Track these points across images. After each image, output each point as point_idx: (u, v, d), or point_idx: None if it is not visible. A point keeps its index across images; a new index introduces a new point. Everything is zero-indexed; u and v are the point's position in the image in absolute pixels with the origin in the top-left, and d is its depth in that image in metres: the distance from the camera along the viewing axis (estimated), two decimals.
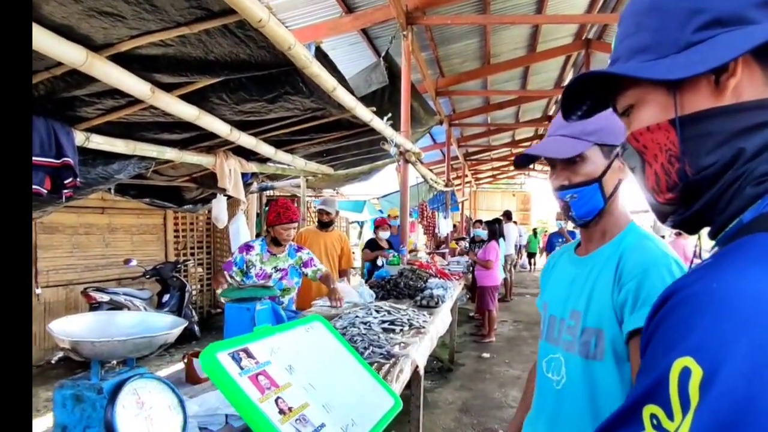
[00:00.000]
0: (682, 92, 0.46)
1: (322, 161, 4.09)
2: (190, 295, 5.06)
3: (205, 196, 3.85)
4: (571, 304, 0.93)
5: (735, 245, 0.38)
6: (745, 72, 0.43)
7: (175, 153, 2.70)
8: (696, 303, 0.35)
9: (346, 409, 0.70)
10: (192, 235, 6.37)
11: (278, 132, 2.98)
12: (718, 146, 0.44)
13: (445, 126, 8.72)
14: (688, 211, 0.48)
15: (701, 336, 0.33)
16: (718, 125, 0.44)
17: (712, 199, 0.46)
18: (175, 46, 1.74)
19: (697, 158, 0.46)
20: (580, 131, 0.89)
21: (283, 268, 2.69)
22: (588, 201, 0.91)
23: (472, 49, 6.53)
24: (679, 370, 0.33)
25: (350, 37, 4.86)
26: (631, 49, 0.51)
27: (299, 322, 0.83)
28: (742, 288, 0.33)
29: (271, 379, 0.63)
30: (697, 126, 0.45)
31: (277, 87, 2.22)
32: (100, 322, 1.23)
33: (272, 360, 0.67)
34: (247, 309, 2.02)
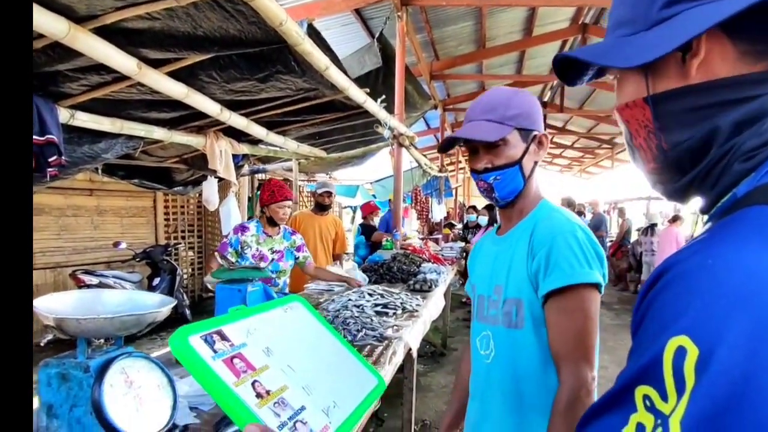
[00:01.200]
0: (652, 72, 0.46)
1: (315, 144, 4.04)
2: (180, 278, 5.03)
3: (195, 177, 3.79)
4: (495, 281, 1.00)
5: (729, 219, 0.37)
6: (716, 48, 0.42)
7: (163, 133, 2.64)
8: (691, 280, 0.34)
9: (328, 390, 0.67)
10: (183, 218, 6.31)
11: (270, 113, 2.92)
12: (691, 123, 0.45)
13: (439, 111, 8.65)
14: (677, 183, 0.48)
15: (697, 314, 0.31)
16: (689, 102, 0.44)
17: (699, 174, 0.45)
18: (162, 20, 1.68)
19: (671, 134, 0.46)
20: (501, 116, 0.95)
21: (278, 250, 2.70)
22: (510, 182, 0.97)
23: (467, 32, 6.44)
24: (674, 349, 0.32)
25: (343, 17, 4.76)
26: (614, 21, 0.51)
27: (277, 302, 0.79)
28: (738, 263, 0.32)
29: (248, 361, 0.60)
30: (667, 104, 0.46)
31: (269, 65, 2.16)
32: (87, 300, 1.20)
33: (248, 342, 0.63)
34: (239, 290, 2.00)
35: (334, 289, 3.02)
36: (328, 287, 3.08)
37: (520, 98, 0.97)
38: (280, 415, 0.57)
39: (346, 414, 0.66)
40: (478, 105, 1.00)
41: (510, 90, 1.00)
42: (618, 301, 7.04)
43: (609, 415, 0.37)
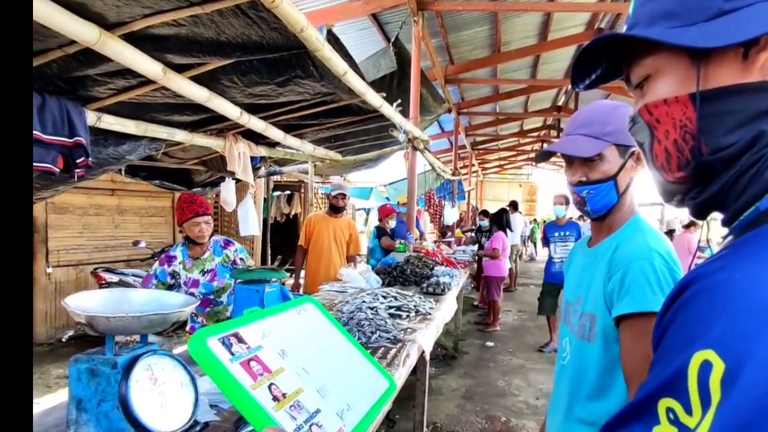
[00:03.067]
0: (707, 64, 0.42)
1: (330, 147, 4.07)
2: None
3: (213, 179, 3.86)
4: (579, 291, 1.02)
5: (756, 233, 0.35)
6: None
7: (185, 135, 2.69)
8: (718, 294, 0.33)
9: (341, 393, 0.67)
10: None
11: (288, 116, 2.97)
12: (738, 126, 0.41)
13: (453, 114, 8.64)
14: (705, 193, 0.45)
15: (723, 329, 0.31)
16: (742, 103, 0.41)
17: (728, 183, 0.42)
18: (187, 26, 1.73)
19: (716, 137, 0.42)
20: (599, 132, 0.95)
21: (210, 269, 2.42)
22: (603, 197, 0.97)
23: (482, 36, 6.43)
24: (699, 363, 0.31)
25: (360, 22, 4.80)
26: (654, 13, 0.47)
27: (290, 304, 0.80)
28: (766, 279, 0.31)
29: (264, 364, 0.60)
30: (719, 102, 0.42)
31: (288, 70, 2.20)
32: (115, 299, 1.24)
33: (264, 344, 0.64)
34: (256, 291, 2.04)
35: (348, 291, 3.04)
36: (342, 289, 3.11)
37: (619, 113, 0.96)
38: (296, 419, 0.57)
39: (360, 417, 0.66)
40: (576, 119, 1.01)
41: (610, 105, 0.99)
42: None
43: (631, 426, 0.36)
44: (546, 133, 13.06)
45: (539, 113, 10.95)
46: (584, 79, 0.56)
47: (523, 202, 18.70)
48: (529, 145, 15.24)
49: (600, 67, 0.55)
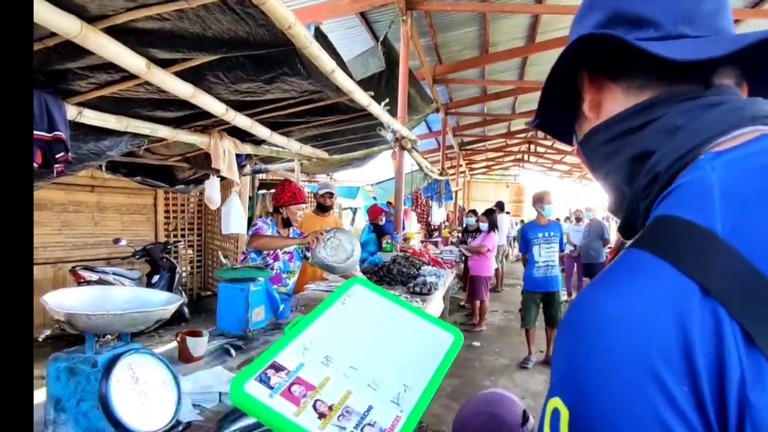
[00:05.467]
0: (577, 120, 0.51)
1: (317, 145, 4.05)
2: (180, 276, 5.04)
3: (197, 176, 3.81)
4: None
5: (611, 265, 0.36)
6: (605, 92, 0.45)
7: (168, 131, 2.65)
8: (563, 331, 0.34)
9: (397, 375, 0.64)
10: (183, 216, 6.31)
11: (274, 114, 2.94)
12: (603, 163, 0.47)
13: (441, 114, 8.68)
14: (621, 221, 0.48)
15: (564, 373, 0.31)
16: (595, 144, 0.47)
17: (627, 213, 0.45)
18: (172, 21, 1.70)
19: (598, 176, 0.49)
20: None
21: (289, 251, 2.73)
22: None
23: (471, 37, 6.47)
24: (551, 411, 0.32)
25: (348, 20, 4.79)
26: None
27: (336, 294, 0.75)
28: (590, 315, 0.31)
29: (306, 383, 0.59)
30: (585, 150, 0.49)
31: (275, 67, 2.18)
32: (95, 296, 1.22)
33: (305, 361, 0.62)
34: (241, 290, 2.02)
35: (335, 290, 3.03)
36: (328, 288, 3.10)
37: None
38: (345, 428, 0.56)
39: (419, 393, 0.64)
40: None
41: None
42: None
43: None
44: (533, 134, 13.20)
45: (527, 114, 11.04)
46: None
47: (510, 203, 18.86)
48: (516, 146, 15.39)
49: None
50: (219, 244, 6.42)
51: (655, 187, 0.40)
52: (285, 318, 2.29)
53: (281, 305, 2.22)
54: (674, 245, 0.32)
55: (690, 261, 0.30)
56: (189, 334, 1.70)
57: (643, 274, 0.31)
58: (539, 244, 4.33)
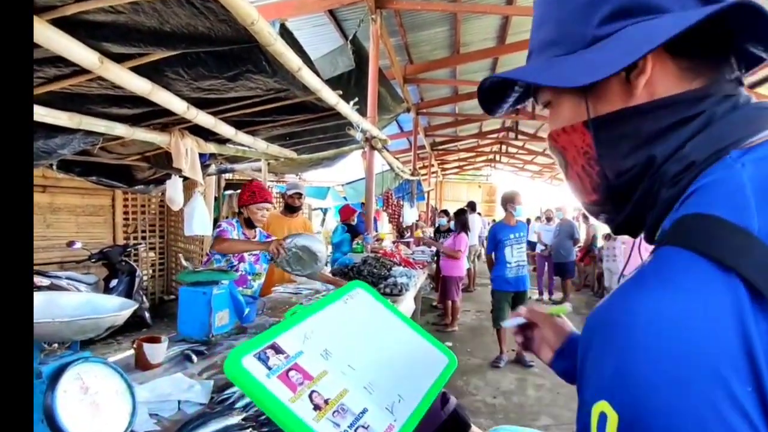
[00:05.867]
0: (593, 93, 0.43)
1: (285, 144, 3.98)
2: (140, 280, 4.84)
3: (158, 176, 3.66)
4: None
5: (649, 263, 0.35)
6: (657, 66, 0.40)
7: (125, 129, 2.53)
8: (604, 335, 0.32)
9: (392, 384, 0.63)
10: (144, 217, 6.07)
11: (239, 112, 2.86)
12: (634, 149, 0.42)
13: (412, 114, 8.72)
14: (619, 216, 0.46)
15: (612, 375, 0.30)
16: (632, 126, 0.41)
17: (637, 205, 0.43)
18: (126, 14, 1.61)
19: (615, 161, 0.43)
20: None
21: (254, 253, 2.65)
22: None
23: (441, 37, 6.52)
24: (597, 415, 0.31)
25: (316, 18, 4.72)
26: (542, 42, 0.48)
27: (338, 293, 0.74)
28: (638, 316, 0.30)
29: (304, 371, 0.57)
30: (610, 128, 0.42)
31: (239, 64, 2.12)
32: (41, 303, 1.14)
33: (305, 349, 0.60)
34: (203, 293, 1.95)
35: (303, 292, 2.99)
36: (296, 290, 3.05)
37: None
38: (339, 425, 0.54)
39: (413, 407, 0.63)
40: None
41: None
42: (585, 305, 7.27)
43: None
44: (504, 134, 13.45)
45: (498, 116, 11.21)
46: (500, 105, 0.57)
47: (483, 203, 19.17)
48: (488, 147, 15.65)
49: (512, 92, 0.55)
50: (183, 246, 6.21)
51: (687, 175, 0.38)
52: (250, 322, 2.23)
53: (246, 309, 2.16)
54: (718, 245, 0.31)
55: (738, 262, 0.30)
56: (147, 341, 1.63)
57: (694, 275, 0.31)
58: (511, 244, 4.35)
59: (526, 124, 11.52)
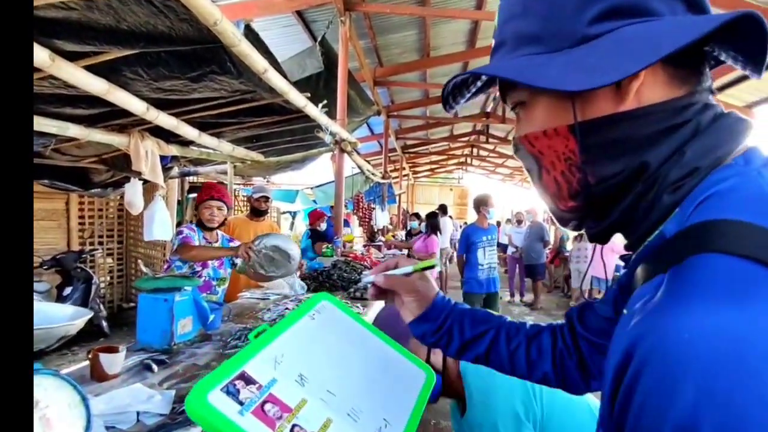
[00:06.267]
0: (581, 96, 0.41)
1: (252, 147, 3.90)
2: (97, 287, 4.61)
3: (116, 179, 3.51)
4: None
5: (683, 273, 0.32)
6: (648, 73, 0.39)
7: (80, 130, 2.41)
8: (672, 360, 0.28)
9: (377, 408, 0.59)
10: (101, 222, 5.79)
11: (203, 113, 2.78)
12: (622, 154, 0.41)
13: (383, 117, 8.74)
14: (603, 222, 0.44)
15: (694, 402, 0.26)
16: (622, 132, 0.40)
17: (627, 210, 0.42)
18: (79, 11, 1.54)
19: (601, 168, 0.42)
20: None
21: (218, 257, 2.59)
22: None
23: (411, 40, 6.58)
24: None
25: (284, 18, 4.66)
26: (519, 35, 0.44)
27: (303, 308, 0.68)
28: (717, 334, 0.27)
29: (281, 402, 0.52)
30: (598, 133, 0.41)
31: (202, 65, 2.06)
32: None
33: (278, 376, 0.55)
34: (165, 300, 1.88)
35: (270, 297, 2.93)
36: (263, 295, 2.99)
37: None
38: None
39: (401, 430, 0.60)
40: None
41: None
42: (556, 306, 7.46)
43: None
44: (475, 138, 13.68)
45: (468, 119, 11.41)
46: (457, 101, 0.55)
47: (454, 206, 19.41)
48: (459, 150, 15.87)
49: (473, 86, 0.54)
50: (144, 252, 5.97)
51: (690, 181, 0.38)
52: (215, 329, 2.16)
53: (211, 315, 2.10)
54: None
55: None
56: (103, 350, 1.55)
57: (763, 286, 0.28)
58: (483, 247, 4.37)
59: (496, 127, 11.78)
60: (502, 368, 0.68)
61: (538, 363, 0.65)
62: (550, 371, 0.65)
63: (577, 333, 0.64)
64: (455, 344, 0.67)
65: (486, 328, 0.67)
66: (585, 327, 0.63)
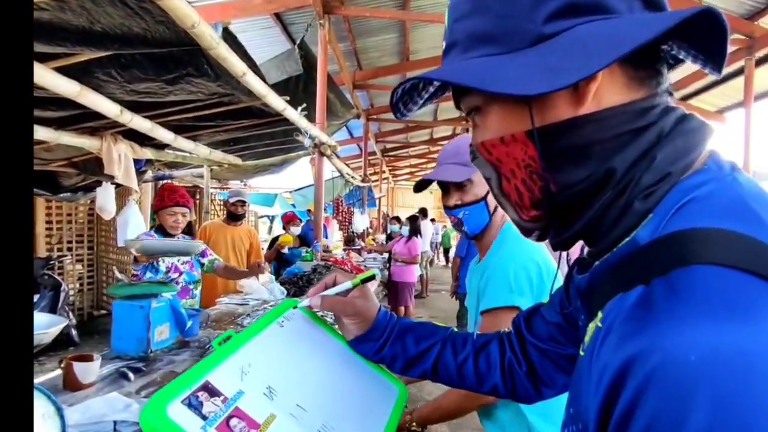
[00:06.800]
0: (538, 100, 0.38)
1: (229, 150, 3.84)
2: (66, 295, 4.44)
3: (87, 183, 3.40)
4: (471, 304, 1.17)
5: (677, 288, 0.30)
6: (606, 74, 0.37)
7: (49, 133, 2.33)
8: (680, 382, 0.26)
9: (349, 425, 0.57)
10: (70, 227, 5.59)
11: (179, 116, 2.73)
12: (585, 160, 0.39)
13: (362, 120, 8.75)
14: (569, 231, 0.42)
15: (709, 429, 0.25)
16: (582, 136, 0.38)
17: (595, 217, 0.40)
18: (51, 11, 1.49)
19: (563, 174, 0.39)
20: (466, 160, 1.04)
21: (187, 260, 2.49)
22: (477, 216, 1.11)
23: (390, 44, 6.62)
24: None
25: (262, 20, 4.63)
26: (471, 35, 0.41)
27: (271, 315, 0.65)
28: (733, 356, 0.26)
29: (248, 417, 0.48)
30: (558, 138, 0.38)
31: (179, 67, 2.03)
32: None
33: (245, 388, 0.51)
34: (141, 307, 1.83)
35: (250, 303, 2.89)
36: (242, 301, 2.95)
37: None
38: None
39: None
40: (445, 151, 1.16)
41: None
42: None
43: None
44: None
45: (448, 122, 11.50)
46: (409, 107, 0.53)
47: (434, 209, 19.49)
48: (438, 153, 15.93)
49: (426, 92, 0.52)
50: (116, 258, 5.78)
51: (662, 186, 0.37)
52: (194, 335, 2.12)
53: (189, 321, 2.06)
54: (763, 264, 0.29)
55: None
56: (75, 359, 1.51)
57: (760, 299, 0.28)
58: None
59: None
60: (450, 382, 0.66)
61: (487, 375, 0.64)
62: (500, 382, 0.64)
63: (526, 340, 0.63)
64: (399, 362, 0.66)
65: (430, 343, 0.66)
66: (533, 333, 0.62)
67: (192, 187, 6.87)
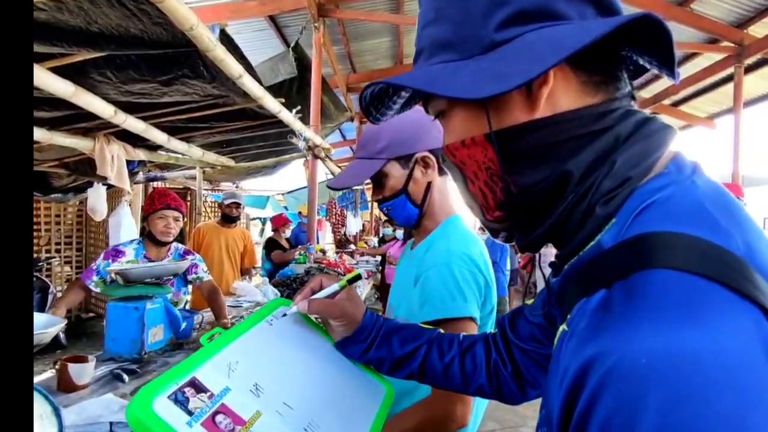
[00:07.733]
0: (493, 104, 0.40)
1: (222, 152, 3.83)
2: (53, 297, 4.38)
3: (78, 184, 3.36)
4: (396, 295, 1.01)
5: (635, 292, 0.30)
6: (559, 78, 0.38)
7: (42, 133, 2.31)
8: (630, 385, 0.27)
9: (335, 424, 0.57)
10: (58, 228, 5.50)
11: (173, 117, 2.72)
12: (541, 163, 0.39)
13: (356, 123, 8.76)
14: (534, 233, 0.43)
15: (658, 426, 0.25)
16: (537, 140, 0.39)
17: (558, 220, 0.40)
18: (48, 11, 1.49)
19: (521, 177, 0.40)
20: (372, 152, 0.95)
21: (167, 279, 2.21)
22: (401, 210, 0.97)
23: (384, 47, 6.65)
24: None
25: (256, 22, 4.63)
26: (434, 41, 0.43)
27: (261, 313, 0.66)
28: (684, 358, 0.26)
29: (234, 414, 0.48)
30: (514, 141, 0.40)
31: (174, 69, 2.02)
32: None
33: (231, 384, 0.51)
34: (135, 308, 1.83)
35: (243, 305, 2.89)
36: (236, 303, 2.94)
37: (390, 127, 0.93)
38: None
39: None
40: (358, 143, 1.03)
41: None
42: None
43: None
44: None
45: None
46: (382, 113, 0.54)
47: None
48: None
49: (398, 97, 0.53)
50: None
51: (622, 191, 0.37)
52: (188, 337, 2.11)
53: (183, 323, 2.05)
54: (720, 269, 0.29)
55: (755, 292, 0.28)
56: (70, 360, 1.50)
57: (720, 305, 0.28)
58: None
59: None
60: (436, 383, 0.67)
61: (473, 376, 0.65)
62: (486, 383, 0.64)
63: (510, 341, 0.64)
64: (386, 364, 0.67)
65: (417, 345, 0.66)
66: (517, 335, 0.63)
67: (183, 189, 6.82)
